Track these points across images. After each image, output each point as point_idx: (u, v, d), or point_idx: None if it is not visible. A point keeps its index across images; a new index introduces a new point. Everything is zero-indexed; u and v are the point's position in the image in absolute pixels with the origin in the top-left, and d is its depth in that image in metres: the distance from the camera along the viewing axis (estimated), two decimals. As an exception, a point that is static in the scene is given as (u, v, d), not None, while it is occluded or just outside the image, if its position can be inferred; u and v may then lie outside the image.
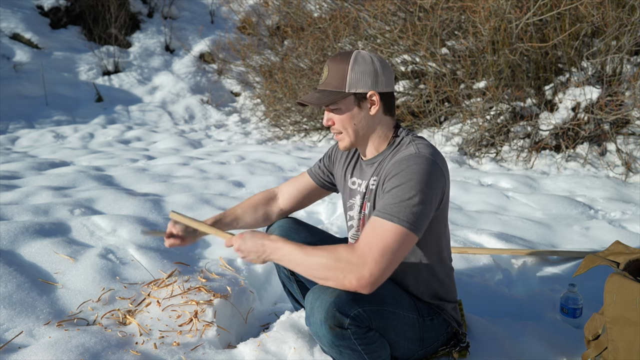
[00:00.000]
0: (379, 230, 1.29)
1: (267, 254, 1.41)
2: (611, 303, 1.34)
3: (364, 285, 1.26)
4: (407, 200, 1.31)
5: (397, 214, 1.30)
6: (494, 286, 2.21)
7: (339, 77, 1.47)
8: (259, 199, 1.85)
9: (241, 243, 1.44)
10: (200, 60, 11.00)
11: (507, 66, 5.05)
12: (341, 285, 1.28)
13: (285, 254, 1.37)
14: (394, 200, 1.32)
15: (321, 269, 1.30)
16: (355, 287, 1.27)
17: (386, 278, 1.29)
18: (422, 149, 1.42)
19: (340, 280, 1.27)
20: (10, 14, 9.96)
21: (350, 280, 1.26)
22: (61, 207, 3.01)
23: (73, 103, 9.20)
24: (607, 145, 4.71)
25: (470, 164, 5.07)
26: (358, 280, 1.25)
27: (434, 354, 1.64)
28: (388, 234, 1.28)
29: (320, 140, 7.14)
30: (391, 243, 1.27)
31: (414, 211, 1.31)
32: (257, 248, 1.41)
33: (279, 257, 1.39)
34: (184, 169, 4.83)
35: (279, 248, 1.39)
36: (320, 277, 1.31)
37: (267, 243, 1.41)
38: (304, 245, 1.36)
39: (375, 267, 1.25)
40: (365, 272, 1.25)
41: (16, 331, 1.73)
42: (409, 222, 1.30)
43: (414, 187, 1.33)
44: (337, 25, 6.50)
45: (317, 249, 1.33)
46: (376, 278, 1.26)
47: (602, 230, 2.92)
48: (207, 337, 1.73)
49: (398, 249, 1.28)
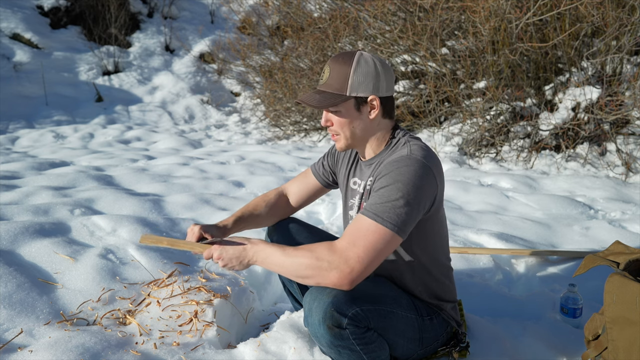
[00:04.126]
0: (363, 228, 1.30)
1: (249, 258, 1.41)
2: (611, 303, 1.34)
3: (344, 281, 1.27)
4: (393, 202, 1.32)
5: (382, 214, 1.31)
6: (494, 286, 2.21)
7: (341, 79, 1.46)
8: (273, 198, 1.85)
9: (221, 251, 1.43)
10: (200, 60, 11.00)
11: (507, 66, 5.05)
12: (323, 282, 1.29)
13: (266, 257, 1.38)
14: (380, 200, 1.33)
15: (302, 268, 1.30)
16: (335, 282, 1.27)
17: (366, 276, 1.29)
18: (415, 151, 1.42)
19: (323, 277, 1.28)
20: (10, 14, 9.96)
21: (332, 276, 1.27)
22: (61, 207, 3.01)
23: (73, 103, 9.20)
24: (607, 145, 4.71)
25: (470, 164, 5.07)
26: (339, 275, 1.26)
27: (433, 354, 1.64)
28: (371, 232, 1.29)
29: (320, 140, 7.15)
30: (374, 242, 1.28)
31: (398, 212, 1.31)
32: (238, 253, 1.41)
33: (261, 260, 1.39)
34: (184, 169, 4.83)
35: (260, 251, 1.39)
36: (302, 276, 1.32)
37: (248, 247, 1.41)
38: (285, 247, 1.37)
39: (357, 264, 1.26)
40: (346, 268, 1.26)
41: (16, 331, 1.73)
42: (393, 223, 1.30)
43: (402, 188, 1.33)
44: (337, 25, 6.50)
45: (298, 249, 1.34)
46: (357, 275, 1.27)
47: (602, 230, 2.92)
48: (207, 337, 1.73)
49: (380, 249, 1.29)
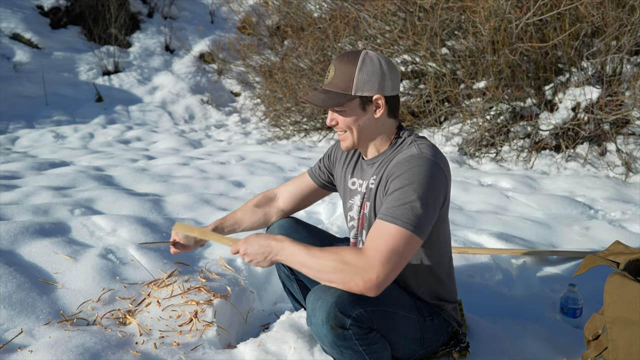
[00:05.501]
0: (384, 233, 1.30)
1: (273, 254, 1.40)
2: (611, 303, 1.34)
3: (370, 288, 1.27)
4: (410, 203, 1.32)
5: (401, 216, 1.31)
6: (494, 286, 2.21)
7: (346, 79, 1.46)
8: (258, 201, 1.85)
9: (247, 247, 1.43)
10: (200, 60, 10.99)
11: (507, 66, 5.05)
12: (347, 288, 1.29)
13: (291, 254, 1.37)
14: (397, 203, 1.33)
15: (328, 271, 1.30)
16: (361, 289, 1.27)
17: (391, 281, 1.29)
18: (424, 150, 1.43)
19: (347, 283, 1.28)
20: (10, 14, 9.96)
21: (357, 283, 1.27)
22: (61, 207, 3.00)
23: (73, 103, 9.20)
24: (607, 145, 4.71)
25: (470, 164, 5.07)
26: (365, 283, 1.26)
27: (434, 354, 1.64)
28: (392, 237, 1.29)
29: (320, 140, 7.14)
30: (396, 246, 1.28)
31: (417, 214, 1.31)
32: (263, 250, 1.41)
33: (286, 258, 1.39)
34: (184, 169, 4.83)
35: (286, 248, 1.38)
36: (326, 279, 1.32)
37: (274, 244, 1.40)
38: (310, 246, 1.36)
39: (382, 270, 1.26)
40: (372, 275, 1.26)
41: (16, 331, 1.73)
42: (413, 225, 1.30)
43: (417, 189, 1.33)
44: (337, 25, 6.50)
45: (324, 251, 1.33)
46: (382, 281, 1.27)
47: (602, 230, 2.92)
48: (207, 337, 1.73)
49: (403, 252, 1.29)
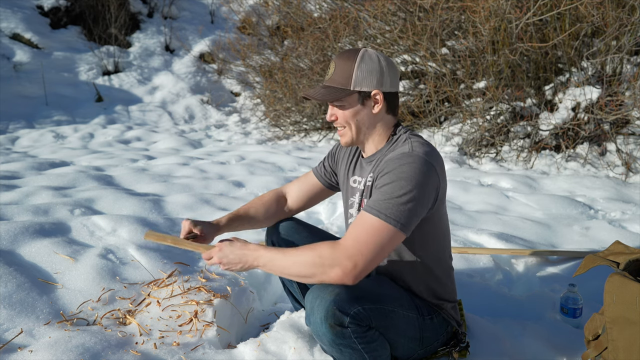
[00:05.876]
0: (366, 225, 1.32)
1: (249, 263, 1.42)
2: (611, 303, 1.34)
3: (347, 277, 1.28)
4: (396, 198, 1.33)
5: (385, 210, 1.32)
6: (494, 286, 2.21)
7: (345, 75, 1.49)
8: (270, 199, 1.84)
9: (221, 255, 1.45)
10: (200, 60, 10.99)
11: (507, 66, 5.05)
12: (326, 279, 1.30)
13: (268, 261, 1.39)
14: (383, 197, 1.34)
15: (305, 267, 1.32)
16: (338, 278, 1.29)
17: (369, 272, 1.31)
18: (417, 148, 1.43)
19: (326, 274, 1.29)
20: (10, 14, 9.96)
21: (335, 272, 1.28)
22: (61, 207, 3.01)
23: (73, 103, 9.20)
24: (607, 145, 4.71)
25: (470, 164, 5.07)
26: (342, 271, 1.28)
27: (434, 354, 1.64)
28: (374, 229, 1.31)
29: (320, 140, 7.14)
30: (377, 238, 1.30)
31: (402, 209, 1.32)
32: (239, 259, 1.43)
33: (263, 264, 1.40)
34: (184, 169, 4.83)
35: (261, 256, 1.40)
36: (306, 275, 1.33)
37: (248, 253, 1.42)
38: (284, 249, 1.39)
39: (360, 260, 1.28)
40: (350, 264, 1.28)
41: (16, 331, 1.73)
42: (396, 220, 1.31)
43: (404, 185, 1.34)
44: (337, 25, 6.50)
45: (299, 249, 1.35)
46: (360, 270, 1.28)
47: (602, 230, 2.92)
48: (207, 337, 1.73)
49: (383, 245, 1.31)
